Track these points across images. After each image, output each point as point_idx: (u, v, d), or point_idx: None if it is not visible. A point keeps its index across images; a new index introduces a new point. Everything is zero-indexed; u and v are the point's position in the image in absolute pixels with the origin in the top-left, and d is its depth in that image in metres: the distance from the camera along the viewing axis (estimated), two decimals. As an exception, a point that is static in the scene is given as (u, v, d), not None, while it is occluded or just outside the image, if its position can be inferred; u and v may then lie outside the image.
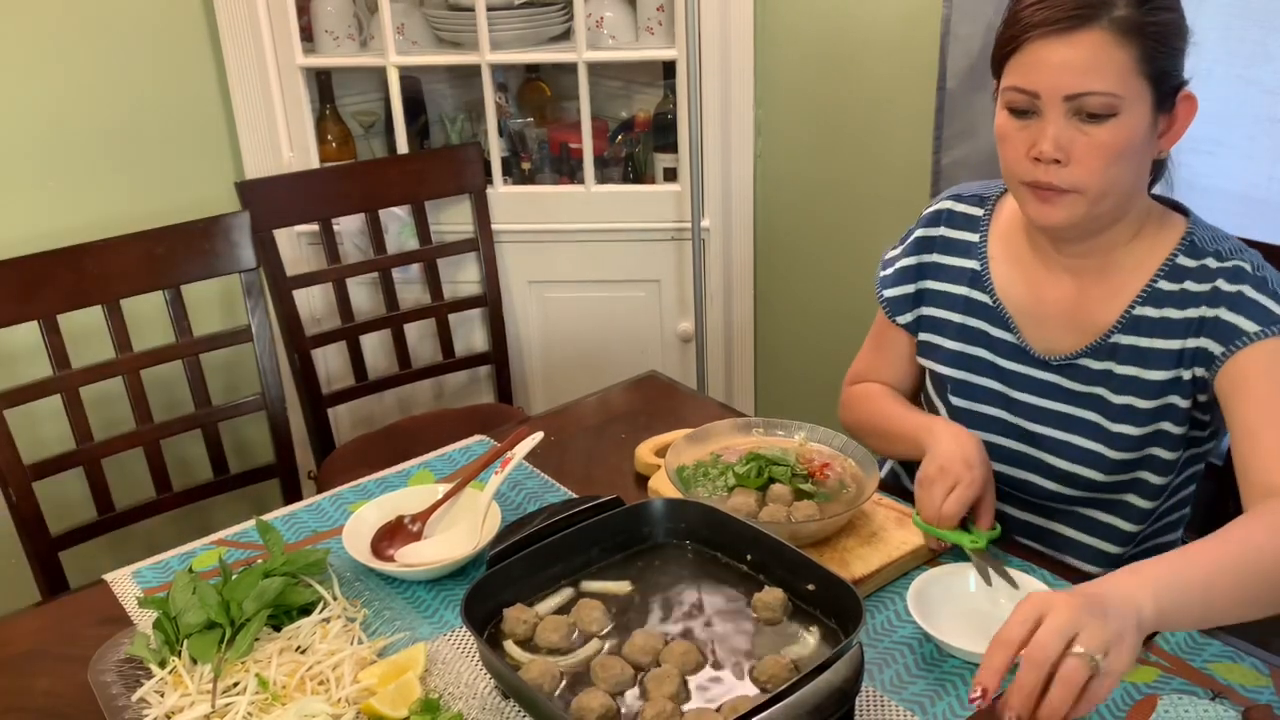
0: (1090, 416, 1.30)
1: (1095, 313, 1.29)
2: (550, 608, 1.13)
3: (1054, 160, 1.16)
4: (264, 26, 2.28)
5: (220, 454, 1.97)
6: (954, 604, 1.18)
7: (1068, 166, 1.16)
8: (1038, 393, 1.34)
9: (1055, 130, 1.15)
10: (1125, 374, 1.27)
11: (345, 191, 2.21)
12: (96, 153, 2.21)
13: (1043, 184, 1.18)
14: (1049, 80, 1.14)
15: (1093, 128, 1.14)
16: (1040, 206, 1.20)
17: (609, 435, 1.62)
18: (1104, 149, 1.15)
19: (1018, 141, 1.19)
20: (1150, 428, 1.27)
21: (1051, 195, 1.19)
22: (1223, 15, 1.63)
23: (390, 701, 1.06)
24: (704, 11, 2.21)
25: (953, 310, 1.41)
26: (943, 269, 1.42)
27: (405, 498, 1.41)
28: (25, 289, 1.74)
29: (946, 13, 1.89)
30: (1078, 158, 1.16)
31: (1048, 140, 1.15)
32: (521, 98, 2.66)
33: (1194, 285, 1.23)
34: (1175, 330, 1.24)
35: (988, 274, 1.37)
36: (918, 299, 1.44)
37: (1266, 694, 1.07)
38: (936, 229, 1.43)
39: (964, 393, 1.40)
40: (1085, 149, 1.15)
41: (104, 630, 1.22)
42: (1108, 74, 1.12)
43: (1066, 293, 1.31)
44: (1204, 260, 1.23)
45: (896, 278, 1.46)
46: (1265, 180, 1.65)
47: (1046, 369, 1.33)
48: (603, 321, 2.51)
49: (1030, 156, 1.17)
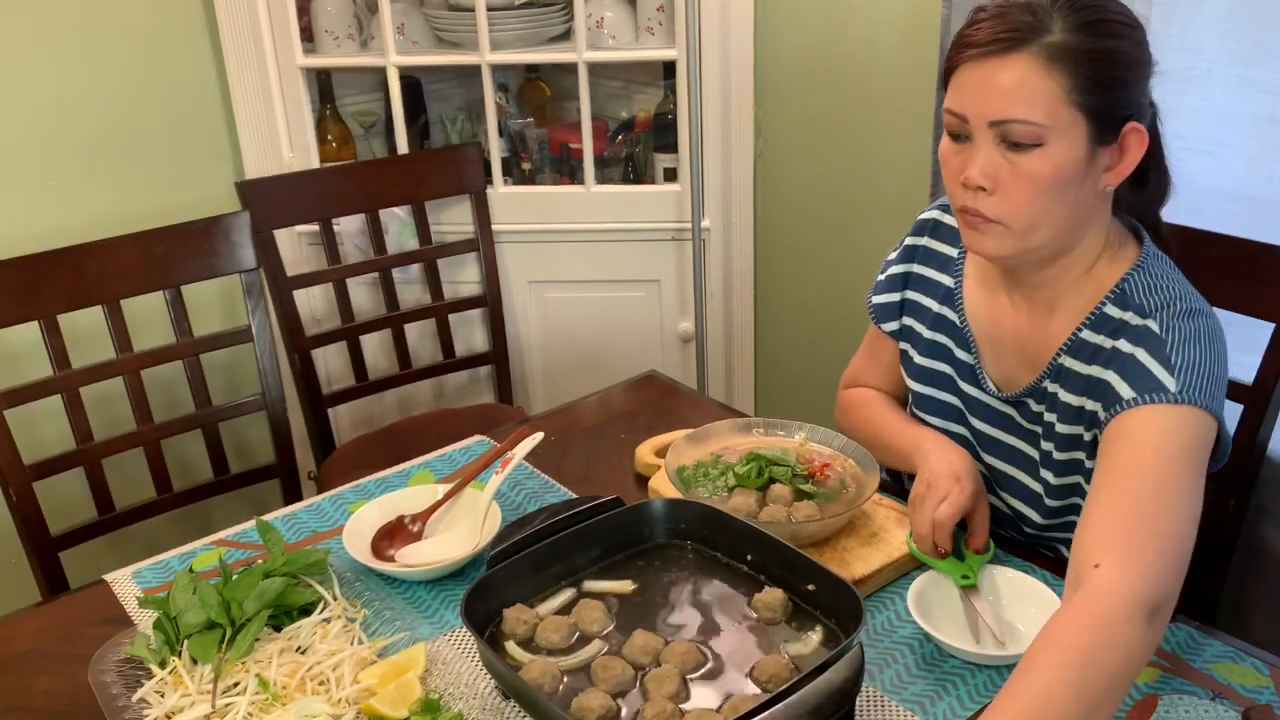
0: (1032, 453, 1.29)
1: (1039, 350, 1.25)
2: (551, 608, 1.13)
3: (979, 188, 1.12)
4: (264, 26, 2.28)
5: (220, 454, 1.97)
6: (954, 604, 1.18)
7: (993, 196, 1.11)
8: (990, 421, 1.33)
9: (983, 157, 1.11)
10: (1049, 420, 1.25)
11: (345, 191, 2.21)
12: (96, 153, 2.21)
13: (969, 209, 1.14)
14: (975, 104, 1.10)
15: (1018, 156, 1.09)
16: (970, 234, 1.17)
17: (609, 435, 1.62)
18: (1029, 180, 1.10)
19: (953, 165, 1.15)
20: (1067, 479, 1.25)
21: (979, 223, 1.14)
22: (1223, 15, 1.63)
23: (390, 702, 1.06)
24: (704, 11, 2.21)
25: (924, 324, 1.39)
26: (923, 281, 1.40)
27: (405, 498, 1.41)
28: (25, 289, 1.74)
29: (946, 13, 1.90)
30: (1003, 188, 1.11)
31: (974, 167, 1.11)
32: (522, 98, 2.66)
33: (1107, 340, 1.17)
34: (1077, 386, 1.20)
35: (960, 292, 1.35)
36: (901, 308, 1.43)
37: (1267, 694, 1.07)
38: (922, 238, 1.41)
39: (930, 408, 1.39)
40: (1010, 179, 1.10)
41: (104, 630, 1.22)
42: (1033, 102, 1.07)
43: (1020, 324, 1.27)
44: (1126, 314, 1.17)
45: (886, 285, 1.44)
46: (1265, 180, 1.65)
47: (1000, 400, 1.31)
48: (603, 321, 2.51)
49: (960, 182, 1.14)
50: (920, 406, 1.41)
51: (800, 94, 2.31)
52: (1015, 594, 1.18)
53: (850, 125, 2.25)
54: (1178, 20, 1.67)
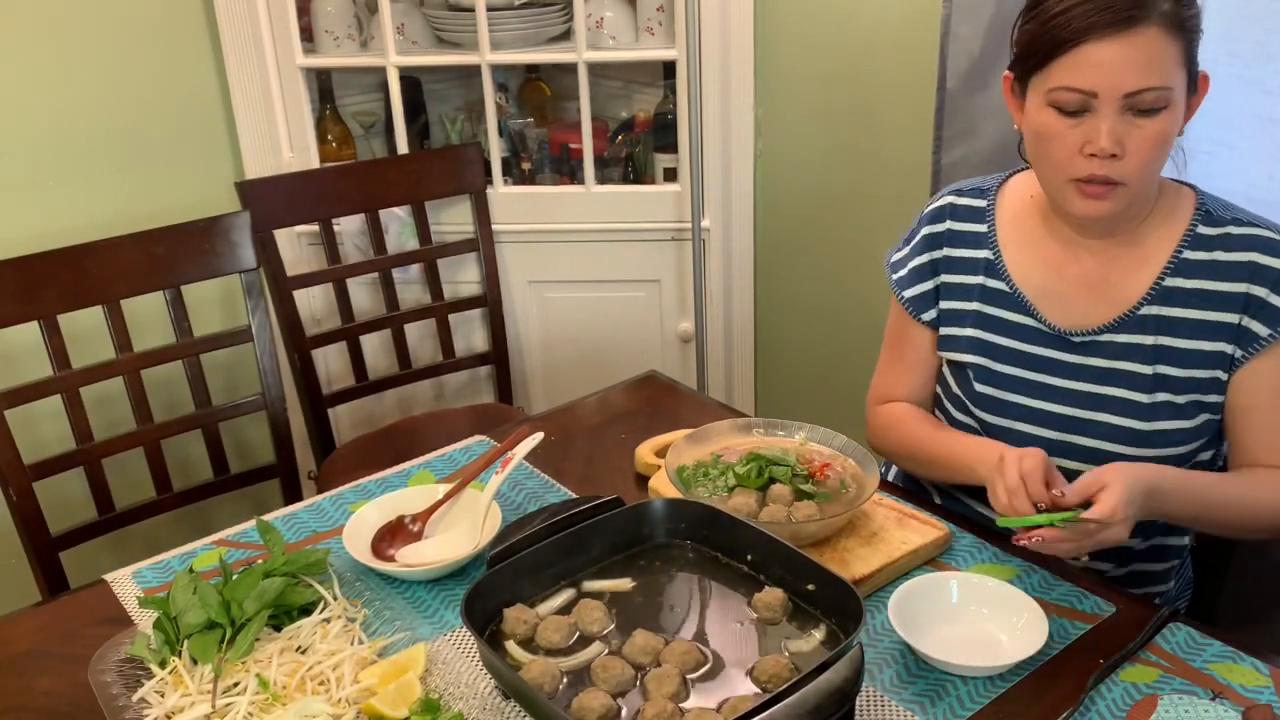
0: (1117, 393, 1.31)
1: (1121, 286, 1.31)
2: (551, 608, 1.13)
3: (1111, 155, 1.18)
4: (264, 26, 2.28)
5: (220, 454, 1.97)
6: (937, 613, 1.17)
7: (1122, 160, 1.19)
8: (1061, 374, 1.34)
9: (1110, 125, 1.17)
10: (1156, 344, 1.29)
11: (345, 191, 2.21)
12: (96, 153, 2.21)
13: (1097, 178, 1.20)
14: (1107, 80, 1.16)
15: (1145, 121, 1.18)
16: (1089, 203, 1.23)
17: (609, 435, 1.62)
18: (1155, 140, 1.19)
19: (1069, 140, 1.20)
20: (1191, 396, 1.29)
21: (1102, 191, 1.21)
22: (1223, 15, 1.63)
23: (390, 701, 1.06)
24: (704, 11, 2.21)
25: (969, 300, 1.41)
26: (956, 262, 1.42)
27: (405, 498, 1.41)
28: (25, 289, 1.74)
29: (946, 13, 1.90)
30: (1131, 150, 1.18)
31: (1105, 136, 1.17)
32: (521, 98, 2.66)
33: (1224, 255, 1.27)
34: (1217, 303, 1.27)
35: (1001, 261, 1.39)
36: (937, 294, 1.45)
37: (1267, 694, 1.07)
38: (942, 224, 1.44)
39: (987, 379, 1.40)
40: (1138, 142, 1.18)
41: (104, 630, 1.22)
42: (1164, 70, 1.16)
43: (1089, 269, 1.33)
44: (1225, 228, 1.28)
45: (913, 277, 1.46)
46: (1265, 180, 1.65)
47: (1069, 349, 1.33)
48: (603, 321, 2.51)
49: (1085, 153, 1.19)
50: (978, 379, 1.40)
51: (800, 94, 2.31)
52: (999, 605, 1.17)
53: (850, 125, 2.25)
54: (1178, 20, 1.67)
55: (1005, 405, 1.38)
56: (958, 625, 1.16)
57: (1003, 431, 1.38)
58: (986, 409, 1.39)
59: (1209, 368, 1.28)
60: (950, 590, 1.19)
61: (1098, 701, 1.07)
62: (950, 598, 1.19)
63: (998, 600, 1.17)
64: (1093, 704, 1.07)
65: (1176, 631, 1.16)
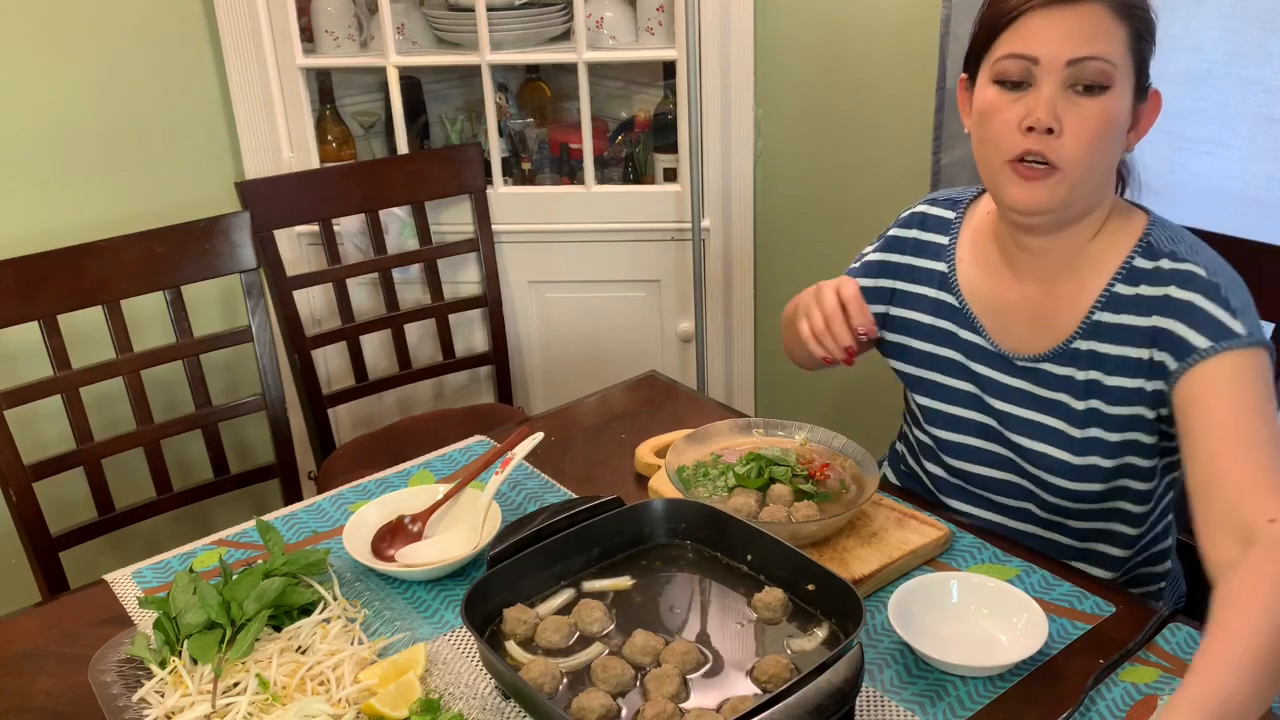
0: (1054, 423, 1.30)
1: (1059, 314, 1.29)
2: (551, 608, 1.13)
3: (1047, 130, 1.16)
4: (264, 27, 2.29)
5: (220, 454, 1.97)
6: (937, 613, 1.17)
7: (1059, 138, 1.16)
8: (1007, 398, 1.34)
9: (1050, 96, 1.15)
10: (1087, 379, 1.27)
11: (345, 191, 2.21)
12: (97, 153, 2.21)
13: (1033, 154, 1.17)
14: (1051, 46, 1.15)
15: (1086, 100, 1.16)
16: (1024, 186, 1.19)
17: (609, 435, 1.62)
18: (1094, 121, 1.16)
19: (1009, 114, 1.18)
20: (1123, 435, 1.26)
21: (1035, 174, 1.18)
22: (1223, 15, 1.63)
23: (390, 702, 1.06)
24: (704, 11, 2.21)
25: (922, 312, 1.41)
26: (914, 270, 1.43)
27: (405, 498, 1.41)
28: (25, 289, 1.74)
29: (946, 13, 1.90)
30: (1069, 129, 1.16)
31: (1043, 106, 1.15)
32: (521, 98, 2.66)
33: (1148, 289, 1.22)
34: (1134, 338, 1.23)
35: (954, 276, 1.38)
36: (888, 295, 1.45)
37: (1266, 694, 1.07)
38: (910, 231, 1.44)
39: (936, 394, 1.40)
40: (1077, 121, 1.15)
41: (104, 630, 1.22)
42: (1110, 42, 1.15)
43: (1031, 294, 1.31)
44: (1159, 262, 1.22)
45: (865, 270, 1.47)
46: (1265, 180, 1.65)
47: (1014, 373, 1.32)
48: (603, 321, 2.51)
49: (1023, 127, 1.17)
50: (925, 393, 1.41)
51: (800, 94, 2.31)
52: (999, 605, 1.17)
53: (850, 125, 2.25)
54: (1178, 20, 1.67)
55: (953, 419, 1.39)
56: (958, 625, 1.16)
57: (955, 447, 1.40)
58: (936, 422, 1.40)
59: (1134, 404, 1.24)
60: (950, 590, 1.19)
61: (1098, 702, 1.07)
62: (950, 598, 1.19)
63: (998, 600, 1.17)
64: (1093, 704, 1.07)
65: (1176, 631, 1.16)
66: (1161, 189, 1.74)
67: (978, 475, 1.39)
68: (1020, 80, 1.17)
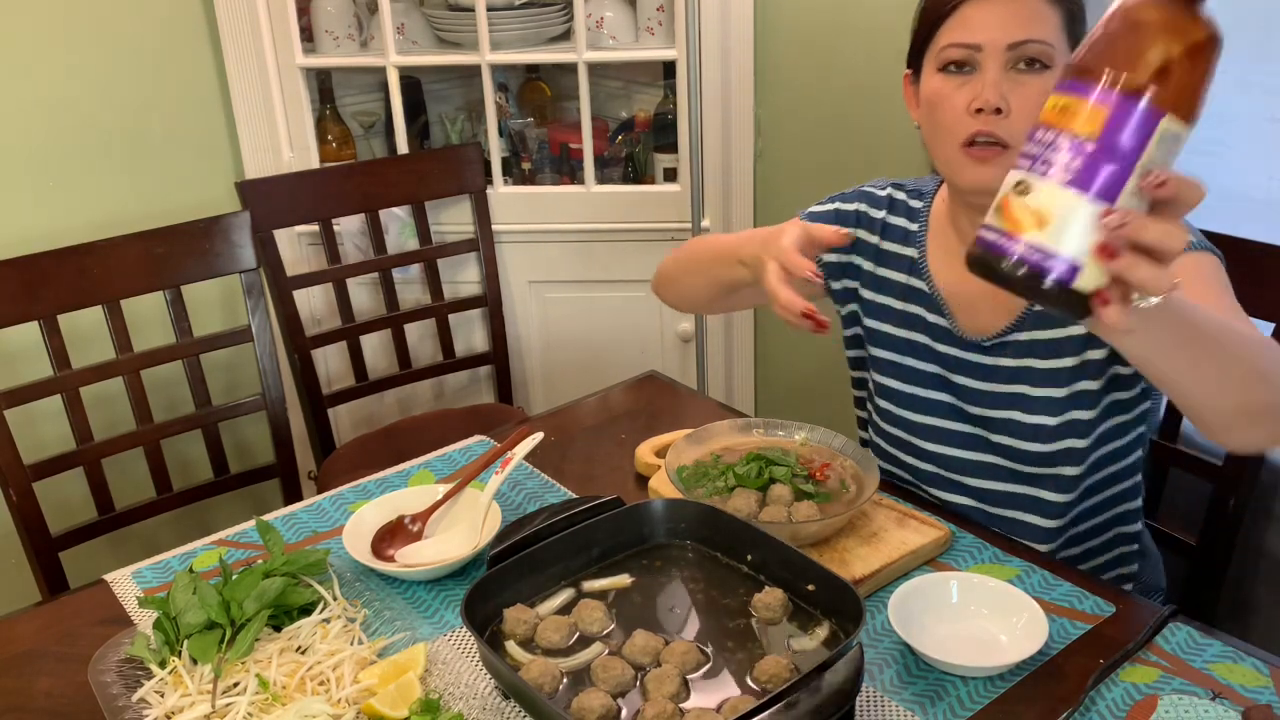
0: (1027, 390, 1.33)
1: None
2: (551, 608, 1.13)
3: (995, 110, 1.19)
4: (264, 27, 2.29)
5: (220, 454, 1.97)
6: (937, 614, 1.16)
7: (1008, 118, 1.20)
8: (975, 375, 1.37)
9: (995, 78, 1.20)
10: (1047, 338, 1.31)
11: (345, 191, 2.21)
12: (96, 153, 2.21)
13: (984, 134, 1.21)
14: (991, 33, 1.20)
15: (1030, 77, 1.20)
16: (976, 168, 1.23)
17: (609, 435, 1.62)
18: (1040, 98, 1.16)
19: (957, 100, 1.22)
20: (1071, 388, 1.30)
21: (988, 154, 1.21)
22: (1223, 15, 1.63)
23: (390, 702, 1.06)
24: (704, 11, 2.21)
25: (893, 296, 1.44)
26: (884, 255, 1.45)
27: (405, 498, 1.41)
28: (25, 289, 1.74)
29: (946, 13, 1.89)
30: (1017, 108, 1.20)
31: (990, 88, 1.19)
32: (521, 98, 2.66)
33: None
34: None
35: (925, 261, 1.41)
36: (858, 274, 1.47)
37: (1267, 694, 1.07)
38: (880, 212, 1.46)
39: (906, 377, 1.43)
40: (1023, 99, 1.19)
41: (104, 630, 1.22)
42: (1046, 25, 1.20)
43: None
44: None
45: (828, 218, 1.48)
46: (1265, 180, 1.65)
47: (980, 351, 1.36)
48: (603, 321, 2.51)
49: (972, 109, 1.21)
50: (896, 376, 1.43)
51: (800, 94, 2.31)
52: (999, 605, 1.17)
53: (850, 125, 2.25)
54: (1178, 20, 1.67)
55: (922, 401, 1.41)
56: (958, 625, 1.16)
57: (922, 429, 1.42)
58: (903, 403, 1.43)
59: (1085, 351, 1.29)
60: (950, 590, 1.19)
61: (1098, 702, 1.07)
62: (950, 598, 1.18)
63: (998, 600, 1.17)
64: (1093, 704, 1.07)
65: (1177, 631, 1.16)
66: (1161, 189, 1.74)
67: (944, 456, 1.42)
68: (964, 62, 1.22)
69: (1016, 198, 0.77)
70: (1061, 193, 0.74)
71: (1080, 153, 0.74)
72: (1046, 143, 0.77)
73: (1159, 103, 0.74)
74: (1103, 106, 0.74)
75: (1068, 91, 0.77)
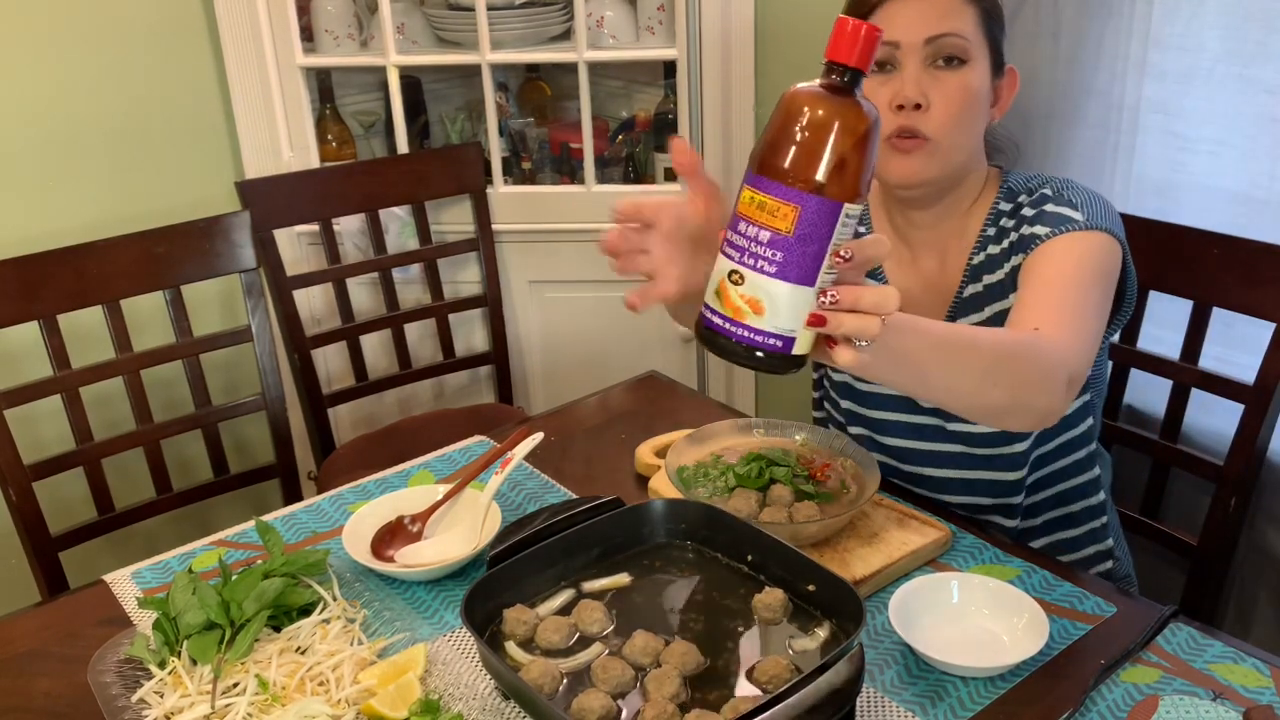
0: None
1: (948, 276, 1.39)
2: (551, 609, 1.13)
3: (915, 105, 1.25)
4: (264, 26, 2.28)
5: (220, 454, 1.97)
6: (937, 614, 1.16)
7: (928, 112, 1.26)
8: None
9: (914, 74, 1.25)
10: (981, 320, 1.36)
11: (345, 191, 2.21)
12: (96, 153, 2.21)
13: (906, 129, 1.26)
14: (909, 27, 1.25)
15: (947, 73, 1.26)
16: (902, 160, 1.28)
17: (609, 435, 1.62)
18: (957, 92, 1.26)
19: (880, 98, 1.26)
20: None
21: (911, 146, 1.27)
22: (1223, 15, 1.63)
23: (390, 702, 1.06)
24: (704, 11, 2.21)
25: None
26: None
27: (405, 498, 1.40)
28: (25, 289, 1.74)
29: (947, 12, 1.89)
30: (936, 102, 1.26)
31: (909, 84, 1.25)
32: (522, 98, 2.66)
33: (1008, 221, 1.36)
34: (1003, 260, 1.35)
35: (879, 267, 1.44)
36: None
37: (1268, 695, 1.07)
38: None
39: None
40: (942, 94, 1.25)
41: (104, 630, 1.22)
42: (961, 20, 1.26)
43: (925, 267, 1.41)
44: (1018, 198, 1.36)
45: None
46: (1265, 180, 1.65)
47: None
48: (603, 321, 2.51)
49: (894, 106, 1.26)
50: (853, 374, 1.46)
51: (800, 94, 2.30)
52: (1000, 606, 1.17)
53: (850, 125, 2.25)
54: (1178, 20, 1.67)
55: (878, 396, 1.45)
56: (958, 626, 1.16)
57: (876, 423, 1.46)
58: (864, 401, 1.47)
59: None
60: (951, 591, 1.19)
61: (1098, 702, 1.07)
62: (951, 598, 1.18)
63: (998, 601, 1.17)
64: (1093, 705, 1.07)
65: (1177, 632, 1.16)
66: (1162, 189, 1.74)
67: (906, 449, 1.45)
68: (885, 61, 1.27)
69: (732, 287, 0.87)
70: (770, 283, 0.85)
71: (781, 247, 0.85)
72: (751, 236, 0.86)
73: (838, 196, 0.84)
74: (793, 206, 0.84)
75: (761, 189, 0.86)
